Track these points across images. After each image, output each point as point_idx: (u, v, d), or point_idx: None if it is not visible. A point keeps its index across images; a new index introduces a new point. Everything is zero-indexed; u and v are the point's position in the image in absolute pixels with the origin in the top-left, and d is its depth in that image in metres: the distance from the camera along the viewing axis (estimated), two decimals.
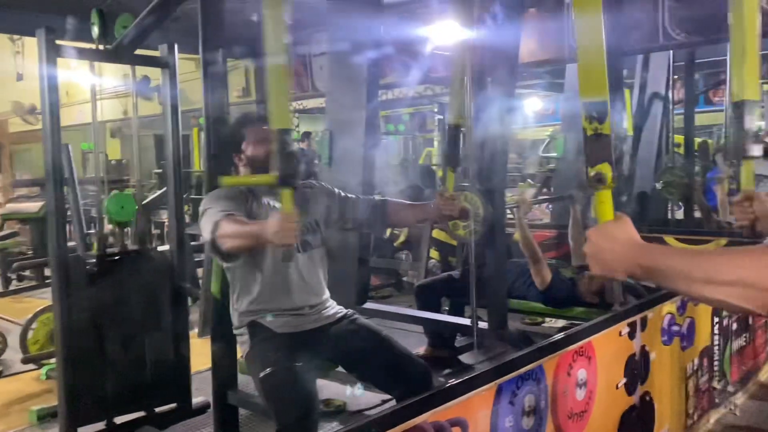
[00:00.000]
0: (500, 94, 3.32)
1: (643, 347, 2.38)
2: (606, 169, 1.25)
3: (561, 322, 4.59)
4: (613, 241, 1.14)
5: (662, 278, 1.07)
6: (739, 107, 1.84)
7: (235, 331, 2.30)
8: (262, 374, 2.07)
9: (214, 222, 2.04)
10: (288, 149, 1.82)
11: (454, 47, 3.04)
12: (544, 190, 9.32)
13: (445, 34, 4.23)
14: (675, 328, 2.61)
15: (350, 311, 2.40)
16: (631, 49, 4.68)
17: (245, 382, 2.64)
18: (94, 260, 2.98)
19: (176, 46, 3.05)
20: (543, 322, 4.82)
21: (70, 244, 3.24)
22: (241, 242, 2.00)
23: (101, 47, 2.89)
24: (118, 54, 2.93)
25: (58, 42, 2.67)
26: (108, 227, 3.47)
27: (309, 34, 5.37)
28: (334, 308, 2.37)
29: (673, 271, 1.05)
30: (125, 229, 5.07)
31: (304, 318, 2.25)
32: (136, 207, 3.06)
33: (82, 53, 2.83)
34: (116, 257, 3.04)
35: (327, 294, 2.38)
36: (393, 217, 2.56)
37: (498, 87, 3.34)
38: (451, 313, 4.03)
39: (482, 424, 1.66)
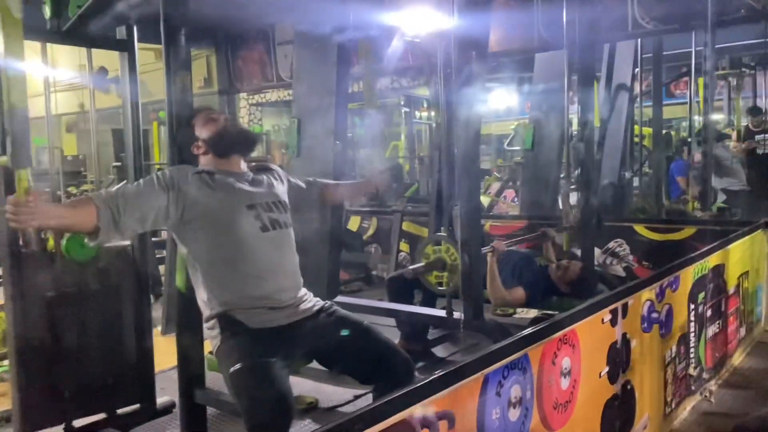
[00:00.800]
0: (470, 84, 3.25)
1: (624, 335, 2.34)
2: None
3: (532, 313, 4.58)
4: None
5: None
6: None
7: (204, 324, 2.17)
8: (232, 369, 1.95)
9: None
10: (21, 129, 1.80)
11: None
12: (510, 183, 9.36)
13: (413, 22, 4.16)
14: (654, 315, 2.58)
15: (328, 303, 2.29)
16: (601, 38, 4.67)
17: (213, 379, 2.52)
18: (50, 256, 2.82)
19: (135, 29, 2.90)
20: (514, 312, 4.80)
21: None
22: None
23: (53, 28, 2.73)
24: (73, 35, 2.77)
25: None
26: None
27: (273, 23, 5.24)
28: (311, 301, 2.25)
29: None
30: None
31: (279, 312, 2.12)
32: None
33: (32, 34, 2.66)
34: None
35: (301, 282, 2.25)
36: (331, 195, 2.66)
37: (468, 77, 3.28)
38: (423, 305, 3.96)
39: (469, 417, 1.58)
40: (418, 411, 1.40)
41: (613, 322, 2.27)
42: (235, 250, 2.09)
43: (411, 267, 3.21)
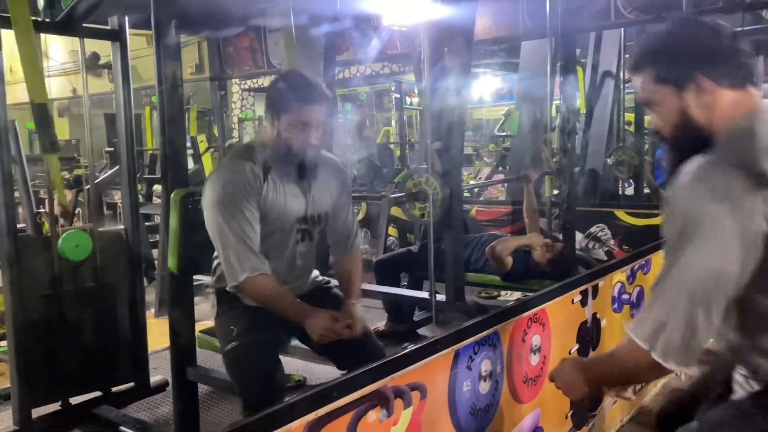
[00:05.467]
0: (455, 71, 3.34)
1: (594, 314, 2.46)
2: None
3: (516, 295, 4.71)
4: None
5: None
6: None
7: (206, 289, 2.28)
8: (226, 348, 2.06)
9: (240, 271, 1.98)
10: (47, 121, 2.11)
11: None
12: (500, 168, 9.46)
13: (400, 9, 4.24)
14: (625, 296, 2.70)
15: (325, 279, 2.38)
16: (584, 27, 4.76)
17: (204, 358, 2.64)
18: (45, 240, 2.91)
19: (127, 19, 2.98)
20: (498, 295, 4.93)
21: (20, 225, 3.16)
22: (269, 306, 2.05)
23: (47, 19, 2.80)
24: (66, 26, 2.84)
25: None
26: (58, 207, 3.37)
27: (263, 10, 5.30)
28: (313, 280, 2.35)
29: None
30: (76, 210, 4.96)
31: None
32: (93, 243, 2.93)
33: None
34: None
35: (308, 272, 2.32)
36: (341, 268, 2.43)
37: (453, 64, 3.36)
38: (410, 287, 4.09)
39: (440, 389, 1.70)
40: (391, 382, 1.51)
41: (584, 303, 2.39)
42: (267, 251, 2.09)
43: (392, 195, 3.29)
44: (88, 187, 3.36)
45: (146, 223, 5.39)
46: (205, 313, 4.06)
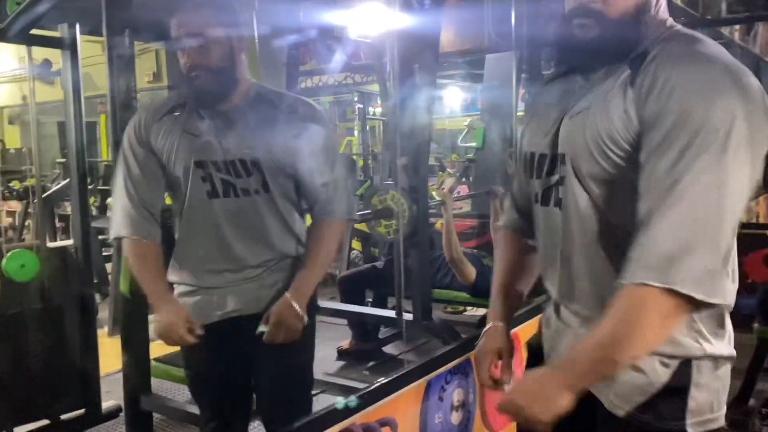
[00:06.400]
0: (420, 85, 3.29)
1: None
2: None
3: (482, 311, 4.66)
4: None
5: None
6: None
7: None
8: (187, 373, 1.89)
9: (116, 229, 1.69)
10: None
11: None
12: (463, 179, 9.46)
13: (365, 20, 4.17)
14: None
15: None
16: (549, 40, 4.77)
17: (159, 384, 2.50)
18: None
19: (78, 26, 2.84)
20: (465, 311, 4.88)
21: None
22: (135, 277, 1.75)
23: None
24: (11, 33, 2.68)
25: None
26: (7, 220, 3.20)
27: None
28: (271, 285, 1.73)
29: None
30: (26, 222, 4.73)
31: (212, 298, 1.73)
32: (39, 263, 2.74)
33: None
34: None
35: (253, 262, 1.71)
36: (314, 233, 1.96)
37: (418, 78, 3.31)
38: (374, 304, 4.00)
39: (412, 422, 1.61)
40: (360, 419, 1.42)
41: None
42: (177, 216, 1.74)
43: (359, 213, 3.19)
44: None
45: (100, 237, 5.17)
46: None
